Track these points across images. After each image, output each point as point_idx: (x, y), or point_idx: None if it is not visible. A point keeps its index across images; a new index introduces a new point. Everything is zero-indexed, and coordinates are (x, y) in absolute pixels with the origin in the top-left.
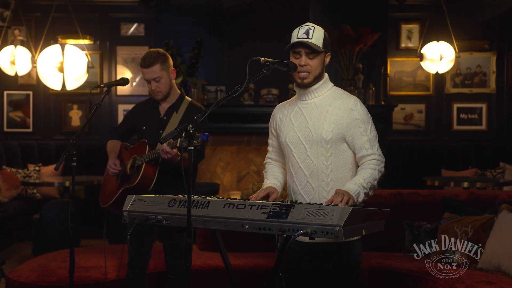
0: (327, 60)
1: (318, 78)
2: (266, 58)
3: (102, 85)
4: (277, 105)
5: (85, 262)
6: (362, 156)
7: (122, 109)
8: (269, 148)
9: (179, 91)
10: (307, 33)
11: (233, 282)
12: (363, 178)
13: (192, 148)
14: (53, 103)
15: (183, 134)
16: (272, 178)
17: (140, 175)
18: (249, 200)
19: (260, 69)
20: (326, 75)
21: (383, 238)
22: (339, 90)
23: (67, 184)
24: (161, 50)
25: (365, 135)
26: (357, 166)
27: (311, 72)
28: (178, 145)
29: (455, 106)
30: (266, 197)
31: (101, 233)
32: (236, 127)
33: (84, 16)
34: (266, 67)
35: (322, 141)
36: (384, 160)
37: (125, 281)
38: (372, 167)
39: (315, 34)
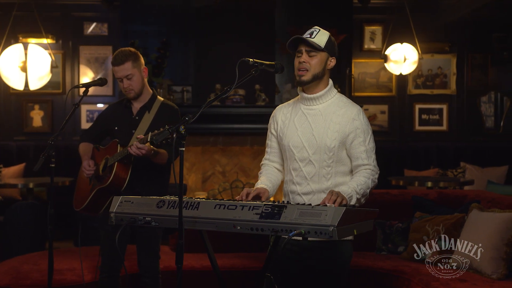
0: (331, 64)
1: (317, 79)
2: (254, 59)
3: (81, 85)
4: (278, 107)
5: (59, 265)
6: (357, 165)
7: (85, 110)
8: (268, 150)
9: (151, 91)
10: (311, 33)
11: (220, 283)
12: (356, 183)
13: (183, 148)
14: (14, 103)
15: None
16: (266, 179)
17: (112, 175)
18: (235, 200)
19: (240, 69)
20: (331, 82)
21: (356, 237)
22: (343, 98)
23: (31, 185)
24: (132, 48)
25: (363, 145)
26: None
27: (309, 70)
28: (149, 139)
29: (417, 106)
30: (257, 197)
31: (66, 235)
32: (202, 128)
33: (46, 15)
34: (254, 68)
35: (325, 149)
36: (378, 172)
37: (99, 285)
38: (366, 175)
39: (318, 36)
